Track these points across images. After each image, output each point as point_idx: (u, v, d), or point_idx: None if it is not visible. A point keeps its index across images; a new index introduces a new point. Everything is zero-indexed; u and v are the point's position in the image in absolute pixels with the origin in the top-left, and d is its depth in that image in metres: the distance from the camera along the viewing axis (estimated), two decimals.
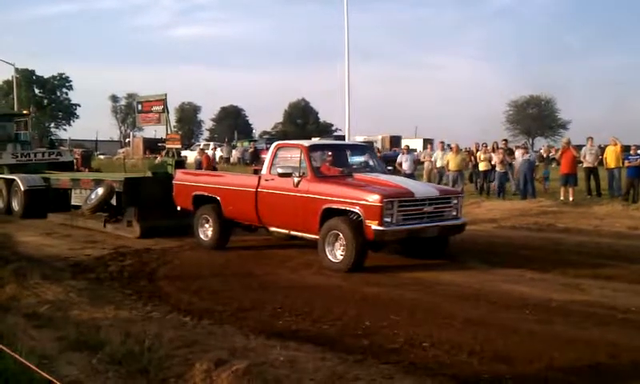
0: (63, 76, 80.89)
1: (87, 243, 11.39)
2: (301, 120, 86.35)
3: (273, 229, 10.19)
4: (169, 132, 17.43)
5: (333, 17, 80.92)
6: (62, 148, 25.25)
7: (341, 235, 8.70)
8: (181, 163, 13.87)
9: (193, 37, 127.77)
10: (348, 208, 8.75)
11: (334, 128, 79.19)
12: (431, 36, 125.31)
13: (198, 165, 25.39)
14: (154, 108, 16.71)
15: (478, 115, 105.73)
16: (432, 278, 8.32)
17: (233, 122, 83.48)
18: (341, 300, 7.24)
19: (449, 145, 22.05)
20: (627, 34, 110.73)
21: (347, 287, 7.90)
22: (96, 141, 70.41)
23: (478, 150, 21.53)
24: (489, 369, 4.91)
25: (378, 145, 42.01)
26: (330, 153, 10.80)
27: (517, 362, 5.07)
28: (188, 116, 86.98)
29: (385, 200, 8.45)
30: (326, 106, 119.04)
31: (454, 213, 9.41)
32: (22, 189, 15.42)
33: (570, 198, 17.68)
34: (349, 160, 10.97)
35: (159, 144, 38.54)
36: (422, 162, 23.10)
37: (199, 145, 42.39)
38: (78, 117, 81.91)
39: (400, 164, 21.14)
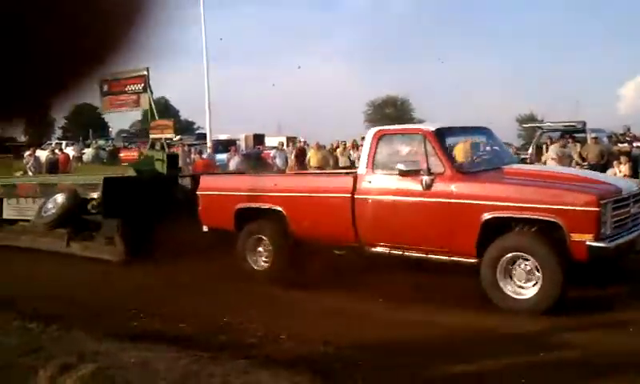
0: None
1: None
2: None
3: (380, 249, 7.22)
4: (155, 117, 14.87)
5: (191, 15, 78.88)
6: None
7: (528, 260, 6.01)
8: (174, 158, 10.98)
9: None
10: (536, 216, 6.02)
11: (195, 127, 77.85)
12: (292, 37, 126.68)
13: (53, 165, 22.27)
14: (130, 87, 14.17)
15: (338, 113, 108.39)
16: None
17: (87, 121, 79.52)
18: (196, 297, 7.12)
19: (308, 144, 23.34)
20: (477, 34, 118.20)
21: (199, 284, 7.67)
22: None
23: (337, 148, 22.04)
24: (343, 356, 5.03)
25: (242, 143, 41.81)
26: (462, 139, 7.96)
27: (370, 348, 5.22)
28: None
29: (601, 202, 5.83)
30: (187, 105, 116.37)
31: None
32: None
33: None
34: (482, 149, 8.34)
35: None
36: None
37: (50, 143, 39.71)
38: None
39: (274, 158, 22.62)
